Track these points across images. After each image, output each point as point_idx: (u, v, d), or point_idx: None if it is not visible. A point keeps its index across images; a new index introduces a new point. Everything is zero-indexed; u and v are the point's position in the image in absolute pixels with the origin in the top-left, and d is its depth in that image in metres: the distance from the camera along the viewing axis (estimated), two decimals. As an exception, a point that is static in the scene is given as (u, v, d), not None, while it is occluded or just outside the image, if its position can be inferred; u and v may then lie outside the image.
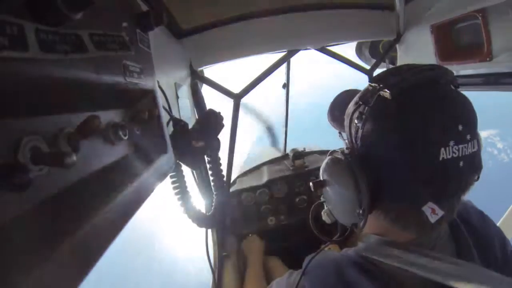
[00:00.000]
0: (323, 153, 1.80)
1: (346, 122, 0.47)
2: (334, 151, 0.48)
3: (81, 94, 0.30)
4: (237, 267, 1.31)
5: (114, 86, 0.34)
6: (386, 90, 0.40)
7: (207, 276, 1.20)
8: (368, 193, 0.42)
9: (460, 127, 0.38)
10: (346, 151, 0.45)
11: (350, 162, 0.43)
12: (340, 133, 0.56)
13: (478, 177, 0.45)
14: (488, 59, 0.78)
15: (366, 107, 0.43)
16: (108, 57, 0.32)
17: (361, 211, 0.43)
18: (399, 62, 1.18)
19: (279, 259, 1.38)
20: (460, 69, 0.91)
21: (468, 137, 0.38)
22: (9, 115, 0.23)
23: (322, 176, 0.50)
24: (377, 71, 1.17)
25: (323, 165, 0.50)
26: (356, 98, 0.46)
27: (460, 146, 0.38)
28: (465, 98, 0.42)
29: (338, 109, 0.57)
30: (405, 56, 1.14)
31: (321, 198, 0.55)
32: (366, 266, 0.46)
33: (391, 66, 1.26)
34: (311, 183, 0.51)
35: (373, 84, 0.43)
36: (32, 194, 0.23)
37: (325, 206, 0.55)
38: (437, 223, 0.41)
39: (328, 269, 0.48)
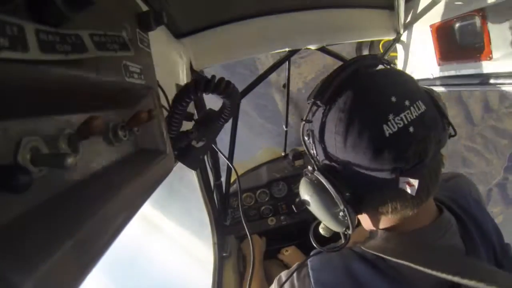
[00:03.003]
0: None
1: (302, 143, 0.50)
2: (305, 171, 0.50)
3: (81, 95, 0.30)
4: (237, 267, 1.32)
5: (114, 86, 0.34)
6: (317, 103, 0.43)
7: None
8: (341, 192, 0.43)
9: (393, 99, 0.38)
10: (310, 168, 0.48)
11: (316, 174, 0.45)
12: None
13: (455, 132, 0.45)
14: (488, 58, 0.78)
15: (309, 124, 0.47)
16: (108, 58, 0.32)
17: (342, 213, 0.44)
18: (399, 62, 1.18)
19: (279, 260, 1.38)
20: (460, 69, 0.90)
21: (407, 103, 0.39)
22: (9, 115, 0.22)
23: (302, 197, 0.52)
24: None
25: (299, 187, 0.52)
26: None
27: (402, 115, 0.38)
28: (390, 72, 0.43)
29: None
30: (405, 56, 1.14)
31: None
32: (374, 261, 0.46)
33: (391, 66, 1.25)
34: (293, 206, 0.54)
35: (308, 101, 0.46)
36: (32, 195, 0.23)
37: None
38: (425, 193, 0.42)
39: (336, 265, 0.48)
